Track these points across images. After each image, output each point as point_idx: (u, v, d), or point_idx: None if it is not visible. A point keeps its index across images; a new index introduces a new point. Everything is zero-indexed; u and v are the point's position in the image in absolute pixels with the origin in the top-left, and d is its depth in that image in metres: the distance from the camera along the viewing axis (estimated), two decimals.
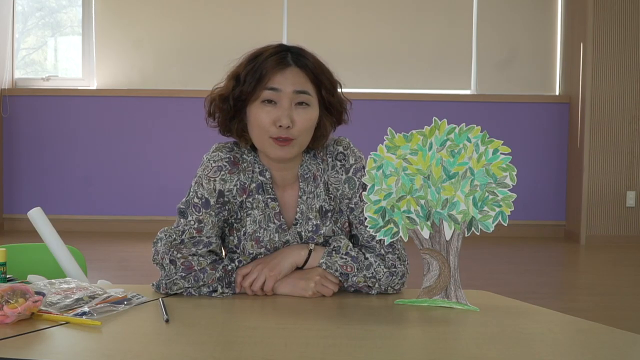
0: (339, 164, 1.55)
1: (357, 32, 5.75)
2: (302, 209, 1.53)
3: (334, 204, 1.55)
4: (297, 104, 1.47)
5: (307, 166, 1.55)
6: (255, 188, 1.52)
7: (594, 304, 3.60)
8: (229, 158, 1.51)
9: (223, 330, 1.26)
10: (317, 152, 1.56)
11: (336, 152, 1.55)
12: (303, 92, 1.47)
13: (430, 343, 1.20)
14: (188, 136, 5.72)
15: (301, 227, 1.53)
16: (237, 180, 1.51)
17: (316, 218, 1.53)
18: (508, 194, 1.37)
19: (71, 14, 6.03)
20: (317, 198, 1.54)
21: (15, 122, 5.68)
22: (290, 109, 1.45)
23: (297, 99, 1.46)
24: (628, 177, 5.48)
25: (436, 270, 1.40)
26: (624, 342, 1.21)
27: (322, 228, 1.53)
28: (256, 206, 1.52)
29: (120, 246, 5.05)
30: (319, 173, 1.55)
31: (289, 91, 1.46)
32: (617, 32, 5.41)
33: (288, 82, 1.46)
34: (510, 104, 5.79)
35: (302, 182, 1.54)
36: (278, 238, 1.53)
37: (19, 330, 1.20)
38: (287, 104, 1.46)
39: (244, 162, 1.53)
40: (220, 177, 1.50)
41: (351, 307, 1.41)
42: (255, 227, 1.52)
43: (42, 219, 1.69)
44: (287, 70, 1.47)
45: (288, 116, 1.44)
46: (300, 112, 1.47)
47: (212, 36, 5.76)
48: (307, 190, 1.54)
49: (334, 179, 1.54)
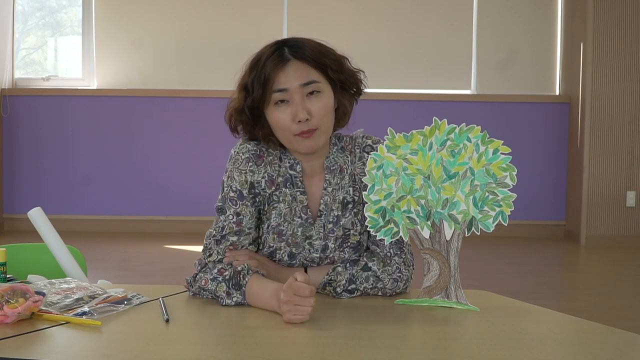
0: (367, 156, 1.54)
1: (357, 32, 5.75)
2: (326, 201, 1.53)
3: (358, 195, 1.55)
4: (308, 95, 1.47)
5: (334, 158, 1.56)
6: (282, 182, 1.53)
7: (594, 304, 3.60)
8: (255, 151, 1.53)
9: (223, 330, 1.26)
10: (346, 145, 1.58)
11: (364, 144, 1.57)
12: (309, 82, 1.47)
13: (430, 343, 1.20)
14: (188, 136, 5.72)
15: (325, 219, 1.53)
16: (264, 173, 1.52)
17: (338, 209, 1.53)
18: (508, 194, 1.37)
19: (71, 14, 6.03)
20: (341, 190, 1.54)
21: (15, 122, 5.68)
22: (303, 102, 1.46)
23: (307, 90, 1.47)
24: (628, 177, 5.48)
25: (436, 270, 1.40)
26: (624, 342, 1.21)
27: (342, 219, 1.53)
28: (283, 199, 1.52)
29: (120, 246, 5.05)
30: (346, 165, 1.56)
31: (295, 87, 1.46)
32: (617, 32, 5.41)
33: (292, 79, 1.46)
34: (510, 104, 5.79)
35: (327, 173, 1.55)
36: (301, 232, 1.52)
37: (19, 330, 1.20)
38: (298, 98, 1.46)
39: (270, 156, 1.54)
40: (249, 168, 1.52)
41: (351, 307, 1.41)
42: (279, 220, 1.52)
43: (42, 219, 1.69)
44: (287, 67, 1.47)
45: (303, 109, 1.45)
46: (314, 101, 1.47)
47: (212, 36, 5.76)
48: (332, 182, 1.55)
49: (360, 169, 1.55)
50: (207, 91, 5.61)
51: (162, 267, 4.26)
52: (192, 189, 5.64)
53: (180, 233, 5.49)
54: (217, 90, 5.50)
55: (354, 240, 1.54)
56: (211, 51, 5.71)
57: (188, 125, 5.72)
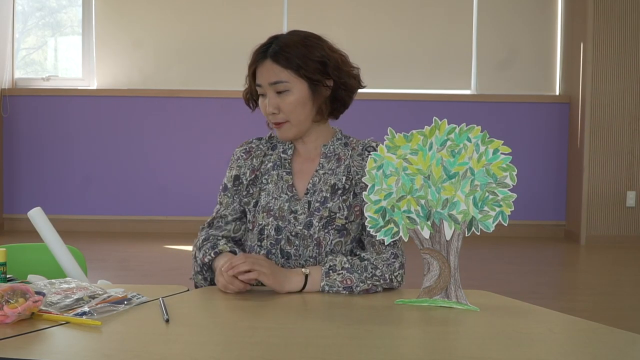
0: (367, 153, 1.67)
1: (358, 32, 5.75)
2: (314, 181, 1.66)
3: (350, 185, 1.65)
4: (278, 92, 1.63)
5: (334, 148, 1.70)
6: (272, 166, 1.69)
7: (594, 304, 3.60)
8: (245, 149, 1.73)
9: (223, 330, 1.26)
10: (351, 142, 1.71)
11: (368, 144, 1.70)
12: (276, 82, 1.62)
13: (430, 343, 1.20)
14: (188, 136, 5.72)
15: (311, 197, 1.65)
16: (250, 164, 1.71)
17: (327, 192, 1.64)
18: (508, 194, 1.37)
19: (71, 14, 6.03)
20: (334, 175, 1.66)
21: (15, 122, 5.68)
22: (274, 98, 1.63)
23: (275, 89, 1.63)
24: (628, 177, 5.48)
25: (436, 270, 1.40)
26: (624, 342, 1.21)
27: (329, 202, 1.63)
28: (271, 181, 1.68)
29: (120, 246, 5.05)
30: (345, 157, 1.68)
31: (266, 84, 1.63)
32: (617, 32, 5.41)
33: (264, 77, 1.63)
34: (510, 104, 5.79)
35: (323, 158, 1.69)
36: (287, 207, 1.64)
37: (19, 330, 1.20)
38: (270, 94, 1.64)
39: (257, 150, 1.72)
40: (237, 164, 1.72)
41: (351, 307, 1.41)
42: (268, 199, 1.66)
43: (42, 219, 1.69)
44: (262, 65, 1.63)
45: (271, 105, 1.63)
46: (283, 97, 1.63)
47: (212, 36, 5.76)
48: (326, 166, 1.68)
49: (357, 163, 1.67)
50: (207, 91, 5.61)
51: (162, 267, 4.26)
52: (192, 189, 5.64)
53: (180, 233, 5.49)
54: (217, 90, 5.51)
55: (339, 223, 1.63)
56: (211, 51, 5.71)
57: (188, 125, 5.72)
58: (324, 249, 1.62)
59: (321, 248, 1.62)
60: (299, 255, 1.63)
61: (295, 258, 1.63)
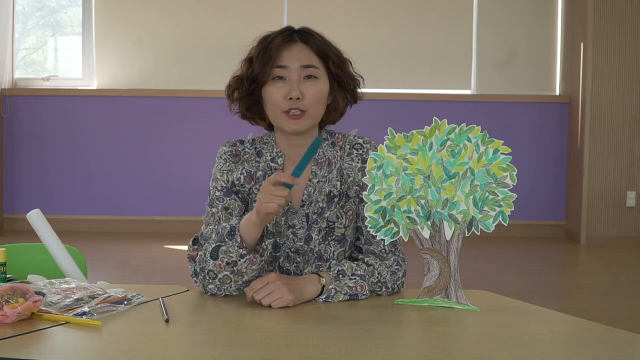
0: (355, 152, 1.59)
1: (358, 32, 5.75)
2: (309, 192, 1.56)
3: (344, 188, 1.58)
4: (305, 78, 1.52)
5: (323, 152, 1.59)
6: (262, 175, 1.56)
7: (594, 304, 3.60)
8: (231, 151, 1.58)
9: (223, 330, 1.26)
10: (337, 141, 1.61)
11: (355, 142, 1.60)
12: (309, 65, 1.52)
13: (430, 343, 1.20)
14: (188, 136, 5.72)
15: (308, 209, 1.55)
16: (242, 169, 1.57)
17: (323, 201, 1.55)
18: (508, 194, 1.37)
19: (71, 14, 6.03)
20: (328, 183, 1.57)
21: (15, 122, 5.68)
22: (299, 82, 1.51)
23: (305, 72, 1.52)
24: (628, 178, 5.48)
25: (436, 270, 1.40)
26: (624, 342, 1.21)
27: (326, 212, 1.55)
28: None
29: (120, 246, 5.05)
30: (335, 159, 1.59)
31: (296, 66, 1.52)
32: (617, 32, 5.41)
33: (295, 58, 1.52)
34: (510, 104, 5.79)
35: (315, 165, 1.58)
36: (284, 221, 1.54)
37: (19, 330, 1.20)
38: (295, 77, 1.51)
39: (246, 154, 1.59)
40: (227, 168, 1.57)
41: (351, 307, 1.41)
42: None
43: (41, 221, 1.68)
44: (293, 47, 1.53)
45: (297, 88, 1.50)
46: (309, 85, 1.52)
47: (212, 36, 5.76)
48: (319, 174, 1.57)
49: (348, 164, 1.58)
50: (207, 91, 5.61)
51: (162, 267, 4.26)
52: (192, 189, 5.64)
53: (180, 233, 5.49)
54: (217, 90, 5.47)
55: (338, 232, 1.56)
56: (211, 51, 5.71)
57: (188, 125, 5.71)
58: (327, 262, 1.55)
59: (323, 261, 1.55)
60: (300, 272, 1.55)
61: (295, 274, 1.54)
